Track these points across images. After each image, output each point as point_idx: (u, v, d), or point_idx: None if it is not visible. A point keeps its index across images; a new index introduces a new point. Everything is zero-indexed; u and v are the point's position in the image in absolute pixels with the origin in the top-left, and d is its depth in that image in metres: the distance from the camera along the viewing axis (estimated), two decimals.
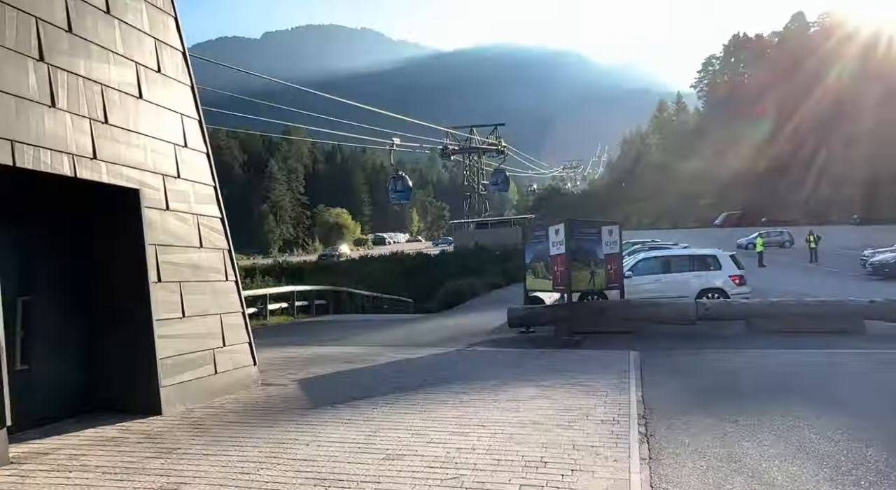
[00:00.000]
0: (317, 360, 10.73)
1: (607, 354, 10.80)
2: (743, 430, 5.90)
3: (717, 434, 5.79)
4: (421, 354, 11.26)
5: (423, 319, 18.42)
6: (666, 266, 15.38)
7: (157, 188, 7.19)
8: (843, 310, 12.24)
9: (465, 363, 10.23)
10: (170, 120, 7.59)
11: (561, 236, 12.51)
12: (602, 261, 13.14)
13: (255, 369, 8.56)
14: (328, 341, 13.53)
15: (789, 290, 19.58)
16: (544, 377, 8.75)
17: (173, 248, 7.31)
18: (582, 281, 12.70)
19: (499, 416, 6.55)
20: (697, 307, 12.69)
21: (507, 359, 10.63)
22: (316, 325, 17.36)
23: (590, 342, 12.22)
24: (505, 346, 12.38)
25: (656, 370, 9.28)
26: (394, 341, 13.22)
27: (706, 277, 14.90)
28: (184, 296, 7.32)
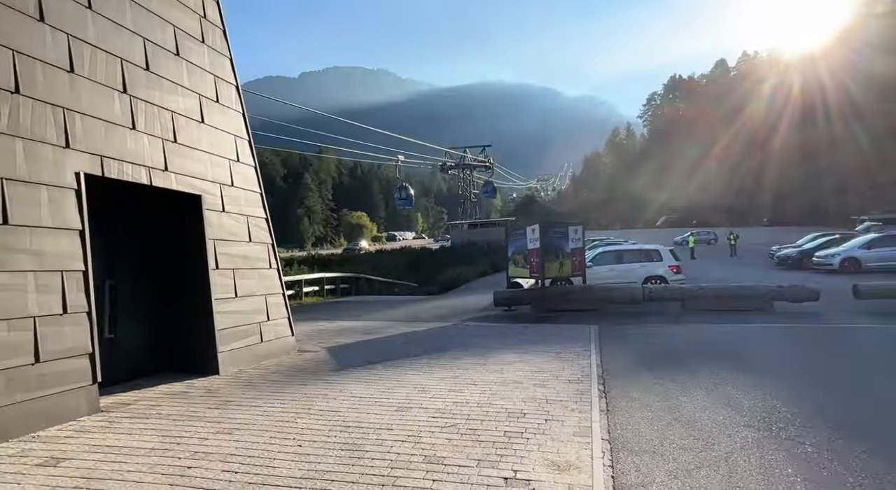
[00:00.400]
0: (342, 332, 10.69)
1: (573, 329, 10.77)
2: (680, 388, 5.89)
3: (660, 391, 5.78)
4: (425, 328, 11.22)
5: (426, 300, 18.35)
6: (619, 258, 15.32)
7: (215, 194, 7.13)
8: (757, 292, 12.22)
9: (460, 335, 10.19)
10: (225, 140, 7.52)
11: (537, 234, 12.46)
12: (569, 254, 13.09)
13: (293, 339, 8.51)
14: (351, 317, 13.47)
15: (715, 276, 19.58)
16: (524, 346, 8.72)
17: (228, 242, 7.26)
18: (553, 269, 12.65)
19: (487, 377, 6.53)
20: (644, 291, 12.66)
21: (494, 331, 10.59)
22: (341, 305, 17.28)
23: (559, 318, 12.18)
24: (492, 321, 12.35)
25: (611, 340, 9.26)
26: (403, 317, 13.16)
27: (650, 267, 14.85)
28: (236, 280, 7.27)
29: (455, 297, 18.85)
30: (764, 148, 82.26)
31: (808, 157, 73.39)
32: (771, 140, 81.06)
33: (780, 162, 77.22)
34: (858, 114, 65.00)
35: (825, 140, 70.38)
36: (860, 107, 65.09)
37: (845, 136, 66.61)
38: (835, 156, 67.45)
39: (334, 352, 8.43)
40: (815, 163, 71.50)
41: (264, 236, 8.11)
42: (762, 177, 79.03)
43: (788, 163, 75.72)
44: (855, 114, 65.73)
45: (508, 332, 10.36)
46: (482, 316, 13.24)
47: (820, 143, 71.33)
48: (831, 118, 70.38)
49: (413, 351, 8.41)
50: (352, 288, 22.86)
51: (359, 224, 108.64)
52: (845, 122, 67.29)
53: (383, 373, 6.80)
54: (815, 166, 71.05)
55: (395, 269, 38.50)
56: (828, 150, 69.21)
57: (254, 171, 8.13)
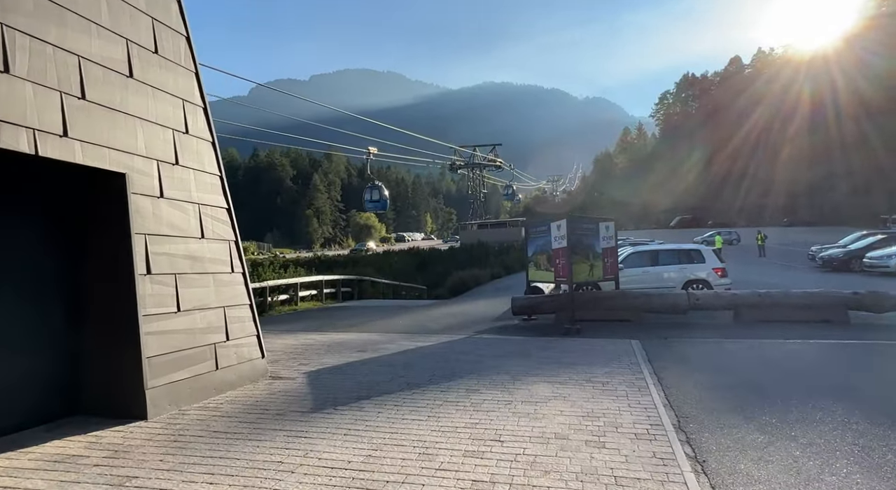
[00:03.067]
0: (332, 348, 8.81)
1: (610, 343, 8.83)
2: (810, 453, 3.92)
3: (784, 461, 3.80)
4: (431, 343, 9.32)
5: (433, 306, 16.44)
6: (653, 259, 13.30)
7: (150, 174, 5.28)
8: (828, 300, 10.20)
9: (474, 353, 8.28)
10: (168, 104, 5.67)
11: (563, 231, 10.52)
12: (599, 254, 11.14)
13: (264, 362, 6.64)
14: (347, 327, 11.60)
15: (759, 281, 17.51)
16: (555, 371, 6.80)
17: (168, 238, 5.41)
18: (581, 273, 10.70)
19: (516, 425, 4.62)
20: (689, 298, 10.68)
21: (514, 348, 8.68)
22: (340, 311, 15.43)
23: (589, 330, 10.23)
24: (510, 333, 10.42)
25: (664, 362, 7.30)
26: (406, 328, 11.27)
27: (691, 269, 12.84)
28: (180, 289, 5.42)
29: (466, 303, 16.93)
30: (779, 146, 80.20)
31: (823, 156, 71.29)
32: (786, 138, 78.94)
33: (796, 161, 75.13)
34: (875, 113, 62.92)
35: (841, 139, 68.16)
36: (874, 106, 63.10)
37: (863, 135, 64.42)
38: (852, 155, 65.27)
39: (315, 379, 6.55)
40: (831, 162, 69.36)
41: (224, 231, 6.25)
42: (777, 176, 77.18)
43: (804, 162, 73.68)
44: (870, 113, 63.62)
45: (532, 350, 8.43)
46: (498, 327, 11.31)
47: (836, 142, 69.07)
48: (851, 116, 67.99)
49: (416, 378, 6.51)
50: (354, 291, 21.00)
51: (367, 225, 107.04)
52: (867, 121, 64.91)
53: (373, 417, 4.92)
54: (832, 166, 68.93)
55: (403, 271, 36.68)
56: (844, 150, 67.04)
57: (211, 149, 6.27)
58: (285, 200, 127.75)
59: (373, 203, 28.24)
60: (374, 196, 27.99)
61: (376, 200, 28.07)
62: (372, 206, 28.63)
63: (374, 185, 28.21)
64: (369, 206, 28.56)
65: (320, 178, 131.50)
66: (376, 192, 28.03)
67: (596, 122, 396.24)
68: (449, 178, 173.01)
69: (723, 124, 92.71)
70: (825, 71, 75.76)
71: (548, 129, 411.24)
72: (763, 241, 30.02)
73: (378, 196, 27.97)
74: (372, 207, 28.80)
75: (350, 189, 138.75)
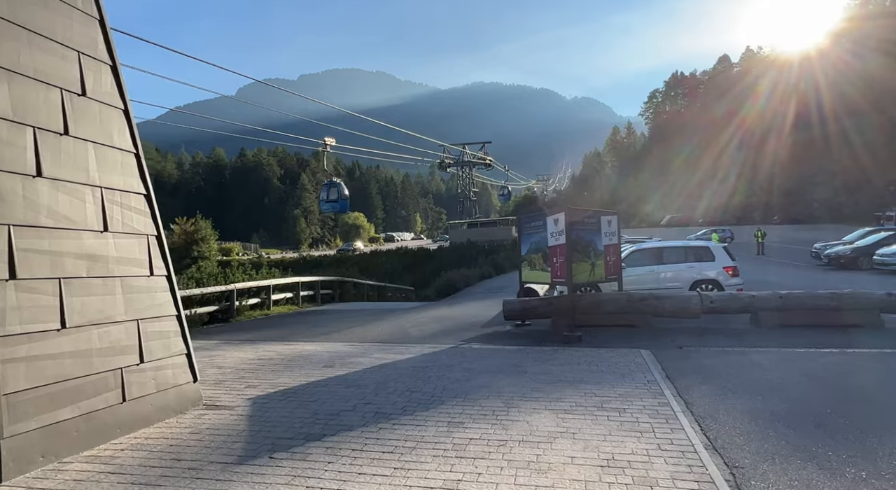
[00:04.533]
0: (293, 363, 7.48)
1: (617, 354, 7.59)
2: None
3: None
4: (410, 354, 8.01)
5: (418, 309, 15.12)
6: (658, 257, 12.07)
7: (19, 145, 3.93)
8: (860, 303, 9.03)
9: (460, 367, 7.00)
10: (54, 55, 4.32)
11: (561, 226, 9.27)
12: (601, 252, 9.90)
13: (196, 387, 5.30)
14: (318, 336, 10.25)
15: (762, 280, 16.42)
16: (557, 393, 5.55)
17: (51, 231, 4.06)
18: (582, 272, 9.46)
19: (513, 485, 3.34)
20: (702, 300, 9.47)
21: (507, 361, 7.40)
22: (316, 316, 14.07)
23: (591, 338, 8.99)
24: (501, 342, 9.15)
25: (686, 379, 6.06)
26: (385, 337, 9.96)
27: (700, 268, 11.64)
28: (67, 298, 4.07)
29: (453, 306, 15.63)
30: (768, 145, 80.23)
31: (809, 154, 71.37)
32: (775, 136, 78.93)
33: (785, 159, 75.24)
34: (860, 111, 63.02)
35: (825, 138, 68.13)
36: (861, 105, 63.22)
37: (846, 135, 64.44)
38: (836, 154, 65.21)
39: (259, 409, 5.22)
40: (816, 161, 69.37)
41: (140, 223, 4.91)
42: (763, 175, 77.47)
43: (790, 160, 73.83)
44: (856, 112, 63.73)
45: (528, 363, 7.17)
46: (488, 334, 10.03)
47: (820, 141, 69.02)
48: (837, 115, 67.93)
49: (387, 405, 5.22)
50: (335, 293, 19.62)
51: (356, 225, 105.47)
52: (853, 119, 64.82)
53: (319, 470, 3.62)
54: (817, 164, 68.95)
55: (390, 272, 35.38)
56: (828, 149, 67.03)
57: (122, 118, 4.92)
58: (273, 200, 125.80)
59: (329, 203, 23.58)
60: (332, 195, 23.54)
61: (333, 200, 23.45)
62: (329, 207, 23.86)
63: (332, 183, 23.91)
64: (325, 206, 23.86)
65: (308, 177, 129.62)
66: (334, 191, 23.62)
67: (584, 121, 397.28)
68: (439, 177, 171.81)
69: (711, 123, 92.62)
70: (809, 71, 76.23)
71: (537, 128, 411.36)
72: (763, 239, 29.08)
73: (336, 195, 23.48)
74: (329, 208, 23.93)
75: None
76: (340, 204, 23.47)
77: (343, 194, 23.51)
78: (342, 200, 23.49)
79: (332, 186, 23.69)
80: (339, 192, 23.39)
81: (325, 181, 24.51)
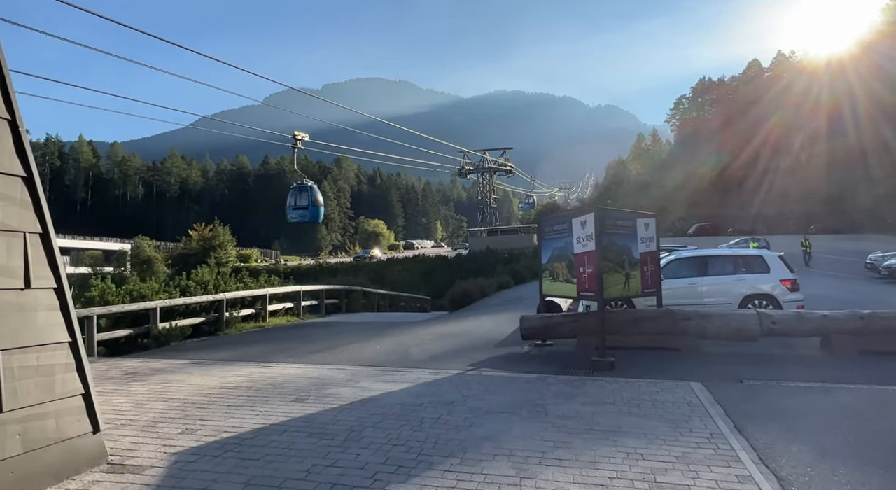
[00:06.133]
0: (260, 394, 6.08)
1: (661, 389, 6.03)
2: None
3: None
4: (404, 384, 6.55)
5: (427, 323, 13.65)
6: (702, 268, 10.40)
7: None
8: None
9: (462, 406, 5.52)
10: None
11: (589, 230, 7.73)
12: (637, 261, 8.33)
13: (98, 439, 3.93)
14: (304, 355, 8.87)
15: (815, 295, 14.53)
16: (591, 453, 4.03)
17: None
18: (615, 285, 7.88)
19: None
20: (761, 320, 7.81)
21: (523, 395, 5.90)
22: (313, 329, 12.72)
23: (625, 363, 7.43)
24: (517, 367, 7.63)
25: (766, 433, 4.48)
26: (381, 358, 8.52)
27: (751, 281, 9.92)
28: None
29: (467, 319, 14.14)
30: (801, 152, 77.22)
31: (843, 162, 68.25)
32: (808, 143, 75.92)
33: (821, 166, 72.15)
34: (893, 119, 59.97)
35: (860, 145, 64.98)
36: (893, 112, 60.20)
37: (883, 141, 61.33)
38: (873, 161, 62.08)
39: (180, 472, 3.81)
40: (851, 168, 66.26)
41: (13, 216, 3.58)
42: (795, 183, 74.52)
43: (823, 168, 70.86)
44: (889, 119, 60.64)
45: (549, 399, 5.67)
46: (502, 357, 8.52)
47: (856, 148, 65.86)
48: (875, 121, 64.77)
49: (352, 471, 3.76)
50: (342, 303, 18.29)
51: (375, 232, 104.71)
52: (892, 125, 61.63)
53: None
54: (853, 172, 65.83)
55: (405, 280, 34.04)
56: (864, 156, 63.90)
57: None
58: None
59: (298, 211, 18.13)
60: (301, 200, 18.07)
61: (302, 207, 18.06)
62: (297, 215, 18.30)
63: (301, 186, 18.44)
64: (293, 214, 18.33)
65: (329, 184, 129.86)
66: (304, 196, 18.12)
67: (608, 129, 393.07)
68: (460, 185, 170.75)
69: (740, 129, 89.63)
70: (843, 76, 73.24)
71: (560, 136, 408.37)
72: (809, 249, 27.02)
73: (307, 200, 18.06)
74: (297, 217, 18.35)
75: (360, 196, 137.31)
76: (311, 211, 18.18)
77: (315, 200, 18.34)
78: (313, 207, 18.19)
79: (302, 190, 18.32)
80: (309, 198, 18.22)
81: (293, 184, 18.81)
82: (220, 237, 49.19)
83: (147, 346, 10.05)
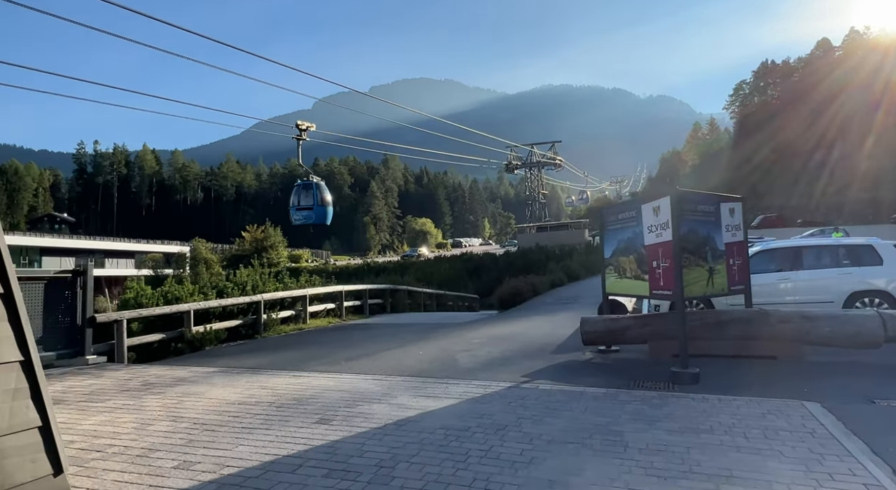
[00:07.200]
0: (281, 412, 5.25)
1: (768, 410, 4.80)
2: None
3: None
4: (448, 400, 5.56)
5: (475, 325, 12.62)
6: (797, 260, 8.87)
7: None
8: None
9: (516, 431, 4.47)
10: None
11: (664, 217, 6.50)
12: (722, 252, 7.01)
13: (59, 482, 3.12)
14: (341, 361, 8.06)
15: None
16: None
17: None
18: (697, 281, 6.61)
19: None
20: (885, 322, 6.34)
21: (591, 417, 4.79)
22: (354, 331, 11.96)
23: (712, 375, 6.19)
24: (580, 378, 6.50)
25: None
26: (423, 365, 7.59)
27: (860, 275, 8.35)
28: None
29: (518, 320, 13.03)
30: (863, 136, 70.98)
31: None
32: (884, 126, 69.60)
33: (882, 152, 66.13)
34: None
35: None
36: None
37: None
38: None
39: None
40: None
41: None
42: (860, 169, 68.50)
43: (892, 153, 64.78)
44: None
45: (626, 425, 4.55)
46: (561, 365, 7.41)
47: None
48: None
49: None
50: (386, 303, 17.57)
51: (423, 231, 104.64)
52: None
53: None
54: None
55: (453, 278, 33.19)
56: None
57: None
58: (344, 208, 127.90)
59: (302, 211, 15.29)
60: (305, 200, 15.29)
61: (307, 208, 15.23)
62: (301, 217, 15.39)
63: (306, 183, 15.55)
64: (296, 216, 15.46)
65: (377, 184, 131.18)
66: (307, 195, 15.29)
67: (660, 120, 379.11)
68: (507, 182, 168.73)
69: (805, 113, 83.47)
70: None
71: (610, 129, 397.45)
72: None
73: (311, 200, 15.20)
74: (301, 219, 15.43)
75: (407, 195, 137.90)
76: (317, 212, 15.24)
77: (322, 199, 15.29)
78: (319, 208, 15.23)
79: (306, 188, 15.43)
80: (315, 197, 15.21)
81: (297, 182, 16.25)
82: (271, 238, 49.97)
83: (181, 350, 9.55)
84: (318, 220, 15.46)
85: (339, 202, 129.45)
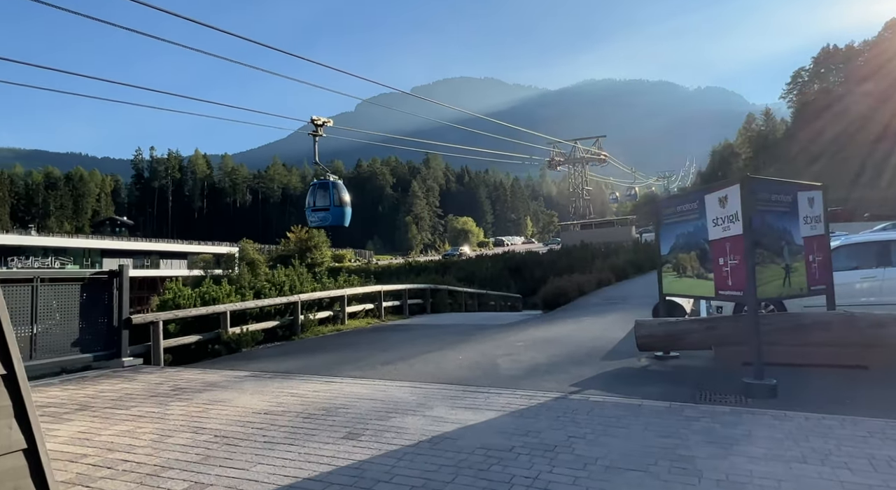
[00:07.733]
0: (306, 425, 4.84)
1: (872, 433, 4.03)
2: None
3: None
4: (489, 414, 5.02)
5: (518, 326, 12.00)
6: (883, 255, 7.84)
7: None
8: None
9: (569, 454, 3.89)
10: None
11: (733, 208, 5.74)
12: (800, 248, 6.17)
13: None
14: (377, 365, 7.65)
15: None
16: None
17: None
18: (771, 280, 5.81)
19: None
20: None
21: (654, 439, 4.16)
22: (393, 333, 11.59)
23: (788, 386, 5.42)
24: (637, 389, 5.83)
25: None
26: (462, 371, 7.08)
27: None
28: None
29: (564, 321, 12.32)
30: None
31: None
32: None
33: None
34: None
35: None
36: None
37: None
38: None
39: None
40: None
41: None
42: None
43: None
44: None
45: (696, 447, 3.90)
46: (614, 373, 6.73)
47: None
48: None
49: None
50: (426, 303, 17.15)
51: (464, 229, 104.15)
52: None
53: None
54: None
55: (495, 277, 32.59)
56: None
57: None
58: (386, 208, 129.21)
59: (318, 213, 14.20)
60: (321, 200, 14.17)
61: (322, 208, 14.14)
62: (317, 219, 14.32)
63: (322, 183, 14.40)
64: (312, 217, 14.40)
65: (419, 184, 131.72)
66: (324, 195, 14.18)
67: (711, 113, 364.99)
68: (550, 179, 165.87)
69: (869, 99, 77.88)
70: None
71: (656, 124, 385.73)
72: None
73: (327, 200, 14.11)
74: (317, 220, 14.39)
75: (448, 194, 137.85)
76: (334, 213, 14.10)
77: (340, 199, 14.20)
78: (336, 208, 14.12)
79: (323, 188, 14.30)
80: (331, 197, 14.14)
81: (312, 181, 15.22)
82: (314, 239, 50.64)
83: (217, 352, 9.40)
84: (335, 222, 14.38)
85: (381, 202, 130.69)
